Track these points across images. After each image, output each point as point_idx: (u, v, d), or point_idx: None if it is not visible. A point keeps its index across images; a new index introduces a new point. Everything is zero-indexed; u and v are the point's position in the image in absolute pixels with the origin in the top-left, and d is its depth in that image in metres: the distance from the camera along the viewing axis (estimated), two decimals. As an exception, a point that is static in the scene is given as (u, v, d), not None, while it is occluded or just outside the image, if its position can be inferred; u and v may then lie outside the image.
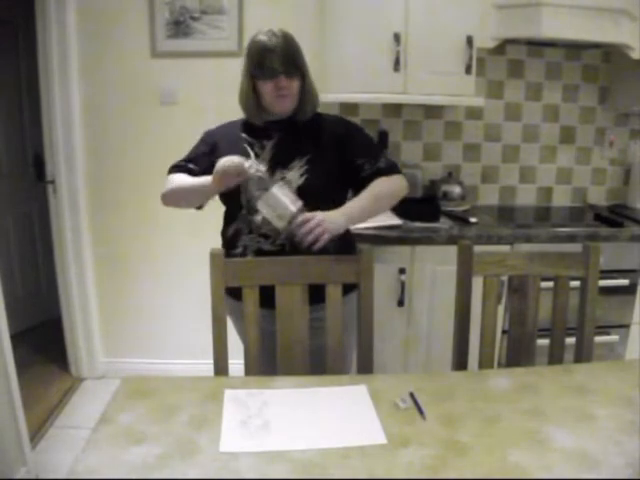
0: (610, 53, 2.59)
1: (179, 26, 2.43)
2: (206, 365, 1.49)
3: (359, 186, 1.52)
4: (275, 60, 1.45)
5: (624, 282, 2.23)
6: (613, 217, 2.43)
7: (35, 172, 3.07)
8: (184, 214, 1.70)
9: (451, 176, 2.60)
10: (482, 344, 1.49)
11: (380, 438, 1.00)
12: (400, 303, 2.18)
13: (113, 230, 2.65)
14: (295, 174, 1.48)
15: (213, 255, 1.38)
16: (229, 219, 1.58)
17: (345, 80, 2.26)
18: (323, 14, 2.33)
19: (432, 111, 2.61)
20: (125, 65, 2.49)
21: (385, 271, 2.10)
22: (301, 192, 1.43)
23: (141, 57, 2.47)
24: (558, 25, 2.16)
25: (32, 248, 3.30)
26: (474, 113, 2.63)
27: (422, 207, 2.32)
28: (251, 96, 1.53)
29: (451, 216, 2.34)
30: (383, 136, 2.57)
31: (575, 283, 1.49)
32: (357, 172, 1.54)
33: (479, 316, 1.49)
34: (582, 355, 1.47)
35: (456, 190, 2.53)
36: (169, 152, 2.60)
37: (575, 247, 1.56)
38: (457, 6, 2.19)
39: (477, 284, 1.47)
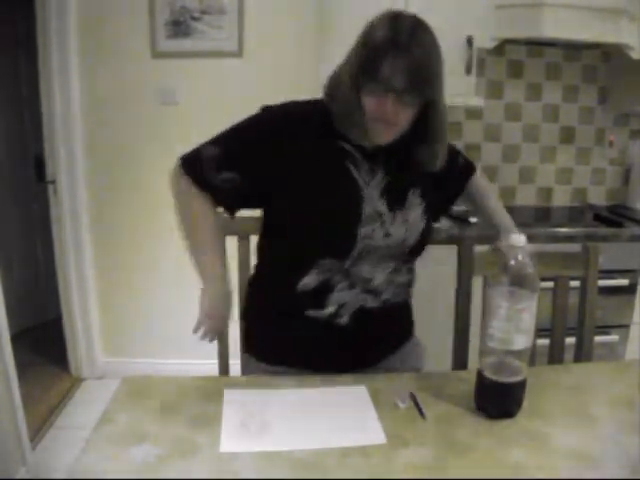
0: (610, 53, 2.59)
1: (179, 26, 2.43)
2: (206, 365, 1.49)
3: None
4: (396, 69, 0.97)
5: (624, 282, 2.23)
6: (613, 217, 2.43)
7: (35, 173, 3.07)
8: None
9: (451, 176, 2.60)
10: (482, 344, 1.49)
11: (380, 438, 1.00)
12: (400, 303, 2.18)
13: (113, 230, 2.65)
14: (416, 215, 1.17)
15: None
16: (300, 266, 1.13)
17: (345, 80, 2.25)
18: (322, 13, 2.33)
19: (432, 111, 2.61)
20: (125, 65, 2.49)
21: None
22: (424, 235, 1.19)
23: (141, 57, 2.48)
24: (558, 25, 2.16)
25: (33, 248, 3.30)
26: (474, 113, 2.63)
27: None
28: (356, 105, 1.04)
29: (451, 216, 2.34)
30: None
31: (575, 283, 1.48)
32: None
33: (479, 316, 1.49)
34: (582, 355, 1.47)
35: (456, 190, 2.52)
36: (169, 152, 2.61)
37: (575, 247, 1.56)
38: (457, 6, 2.19)
39: (477, 284, 1.47)
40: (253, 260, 1.30)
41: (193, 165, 1.12)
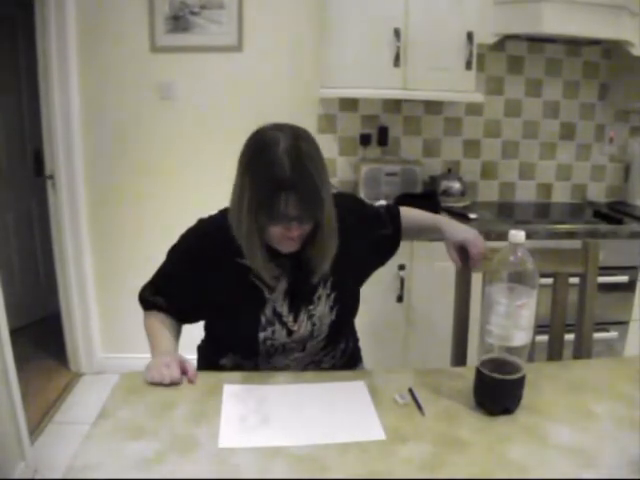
0: (610, 49, 2.59)
1: (178, 21, 2.43)
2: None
3: (388, 246, 1.42)
4: (290, 203, 1.05)
5: (623, 279, 2.23)
6: (612, 214, 2.43)
7: (34, 167, 3.06)
8: (184, 211, 1.69)
9: (451, 172, 2.60)
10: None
11: (379, 434, 1.00)
12: (399, 299, 2.18)
13: (112, 225, 2.65)
14: (324, 309, 1.24)
15: None
16: (220, 349, 1.32)
17: (345, 75, 2.25)
18: (323, 9, 2.32)
19: (432, 107, 2.60)
20: (124, 60, 2.48)
21: (384, 267, 2.09)
22: (333, 326, 1.26)
23: (140, 52, 2.47)
24: (558, 21, 2.16)
25: (31, 243, 3.30)
26: (474, 109, 2.63)
27: (422, 203, 2.30)
28: (254, 233, 1.13)
29: (451, 212, 2.34)
30: (383, 132, 2.57)
31: (574, 280, 1.48)
32: (382, 239, 1.38)
33: (478, 312, 1.49)
34: (581, 352, 1.47)
35: (456, 186, 2.53)
36: (168, 147, 2.62)
37: (574, 244, 1.56)
38: (457, 2, 2.18)
39: (476, 280, 1.47)
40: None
41: (141, 299, 1.33)
